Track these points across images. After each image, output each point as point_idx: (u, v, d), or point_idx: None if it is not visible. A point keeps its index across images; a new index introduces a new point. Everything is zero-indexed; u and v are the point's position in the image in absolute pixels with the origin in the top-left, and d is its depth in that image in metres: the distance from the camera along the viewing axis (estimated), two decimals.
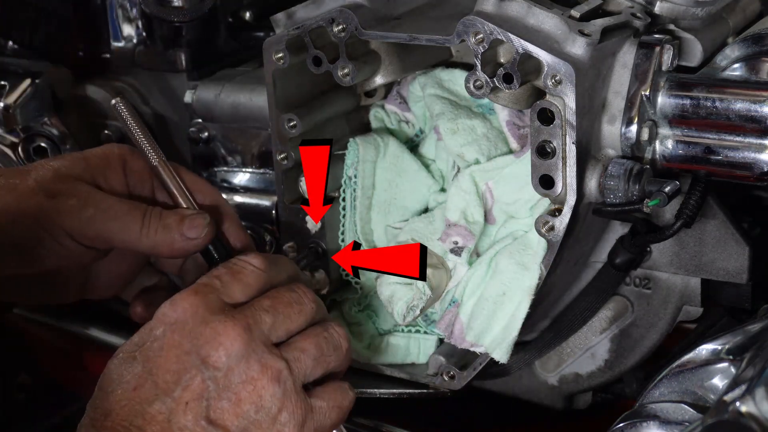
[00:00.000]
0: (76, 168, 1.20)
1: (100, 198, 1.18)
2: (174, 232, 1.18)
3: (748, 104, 1.21)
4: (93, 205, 1.17)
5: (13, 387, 1.91)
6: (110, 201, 1.18)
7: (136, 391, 1.05)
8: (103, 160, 1.21)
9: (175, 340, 1.07)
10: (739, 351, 1.08)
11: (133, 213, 1.18)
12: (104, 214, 1.17)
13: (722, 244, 1.30)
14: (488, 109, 1.34)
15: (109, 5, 1.67)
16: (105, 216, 1.17)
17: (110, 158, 1.22)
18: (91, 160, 1.21)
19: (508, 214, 1.30)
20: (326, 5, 1.29)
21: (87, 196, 1.17)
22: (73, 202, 1.17)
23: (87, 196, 1.18)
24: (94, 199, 1.18)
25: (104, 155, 1.22)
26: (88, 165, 1.20)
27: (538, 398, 1.47)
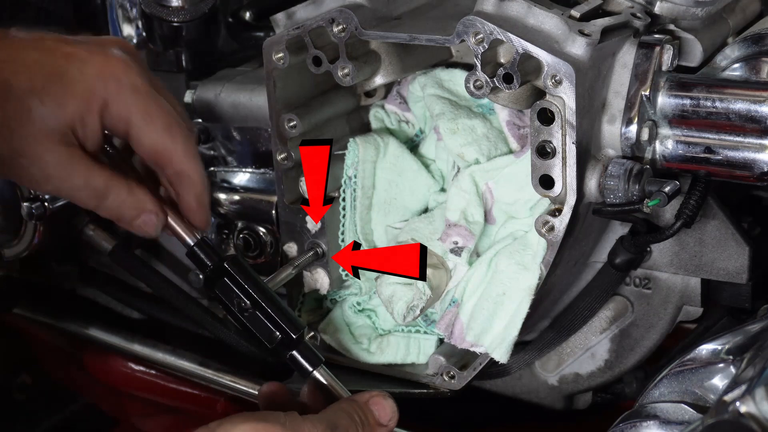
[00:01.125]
0: (52, 119, 1.15)
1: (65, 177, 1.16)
2: (125, 224, 1.20)
3: (748, 104, 1.21)
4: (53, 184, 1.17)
5: (13, 387, 1.91)
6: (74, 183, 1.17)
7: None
8: (81, 105, 1.16)
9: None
10: (739, 351, 1.08)
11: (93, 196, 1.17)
12: (63, 192, 1.18)
13: (722, 244, 1.30)
14: (488, 109, 1.34)
15: (109, 5, 1.67)
16: (64, 193, 1.18)
17: (90, 103, 1.17)
18: (69, 105, 1.16)
19: (508, 214, 1.30)
20: (326, 5, 1.29)
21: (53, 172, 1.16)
22: (36, 173, 1.16)
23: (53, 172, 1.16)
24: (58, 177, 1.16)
25: (85, 99, 1.16)
26: (65, 114, 1.15)
27: (538, 398, 1.47)
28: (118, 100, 1.17)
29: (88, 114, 1.16)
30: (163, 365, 1.62)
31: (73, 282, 1.73)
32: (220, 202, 1.64)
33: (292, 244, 1.40)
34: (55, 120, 1.15)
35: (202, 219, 1.22)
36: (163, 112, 1.19)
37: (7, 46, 1.18)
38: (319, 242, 1.39)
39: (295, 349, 1.20)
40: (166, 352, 1.61)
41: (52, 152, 1.15)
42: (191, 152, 1.21)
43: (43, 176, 1.16)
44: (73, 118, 1.16)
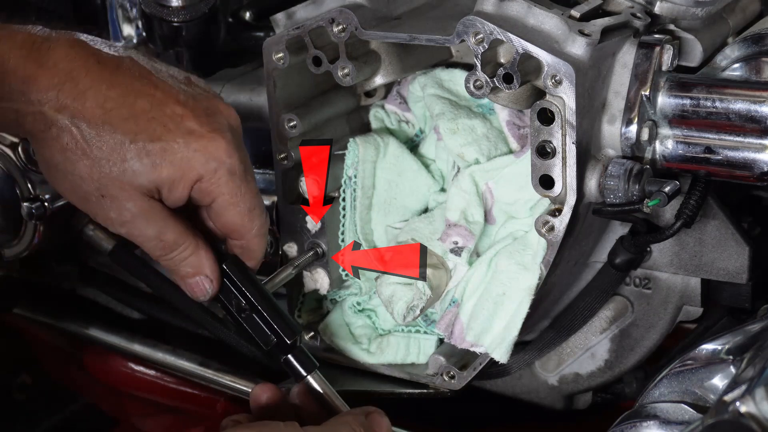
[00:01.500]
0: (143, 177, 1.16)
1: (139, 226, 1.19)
2: (178, 277, 1.23)
3: (748, 104, 1.21)
4: (126, 229, 1.19)
5: (13, 387, 1.91)
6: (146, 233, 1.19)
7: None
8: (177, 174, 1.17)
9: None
10: (739, 351, 1.08)
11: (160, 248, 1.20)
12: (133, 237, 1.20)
13: (722, 244, 1.30)
14: (488, 109, 1.34)
15: (109, 5, 1.67)
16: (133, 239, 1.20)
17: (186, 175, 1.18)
18: (164, 171, 1.17)
19: (508, 214, 1.30)
20: (326, 5, 1.29)
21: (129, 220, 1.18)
22: (114, 216, 1.18)
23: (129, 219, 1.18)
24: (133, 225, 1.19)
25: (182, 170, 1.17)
26: (158, 177, 1.17)
27: (538, 398, 1.47)
28: (213, 179, 1.19)
29: (179, 183, 1.18)
30: (163, 365, 1.62)
31: (73, 282, 1.73)
32: None
33: (292, 244, 1.40)
34: (146, 178, 1.17)
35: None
36: (250, 195, 1.22)
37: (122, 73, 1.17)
38: (319, 242, 1.39)
39: (290, 353, 1.20)
40: (166, 352, 1.61)
41: (134, 201, 1.18)
42: (263, 233, 1.24)
43: (120, 220, 1.19)
44: (164, 182, 1.18)
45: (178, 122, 1.17)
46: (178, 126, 1.17)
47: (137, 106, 1.16)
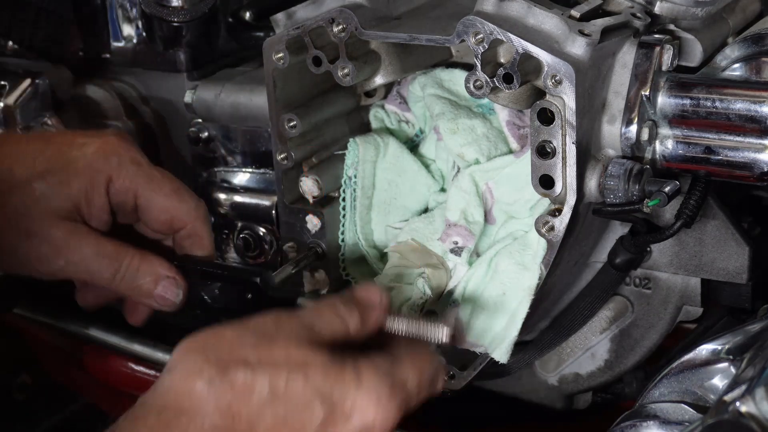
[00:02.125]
0: (57, 198, 1.19)
1: (75, 248, 1.19)
2: (144, 296, 1.21)
3: (748, 104, 1.21)
4: (65, 257, 1.19)
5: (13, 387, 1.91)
6: (84, 253, 1.19)
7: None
8: (86, 181, 1.20)
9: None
10: (739, 351, 1.08)
11: (105, 269, 1.20)
12: (75, 266, 1.19)
13: (722, 244, 1.30)
14: (488, 109, 1.35)
15: (109, 5, 1.67)
16: (76, 268, 1.19)
17: (94, 179, 1.20)
18: (73, 183, 1.20)
19: (508, 214, 1.30)
20: (326, 5, 1.29)
21: (62, 245, 1.19)
22: (46, 251, 1.18)
23: (62, 245, 1.19)
24: (68, 249, 1.19)
25: (89, 175, 1.20)
26: (69, 192, 1.19)
27: (538, 398, 1.47)
28: (122, 173, 1.20)
29: (93, 191, 1.20)
30: (162, 365, 1.62)
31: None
32: (220, 202, 1.65)
33: (292, 244, 1.40)
34: (59, 199, 1.18)
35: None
36: (167, 178, 1.23)
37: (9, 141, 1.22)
38: (319, 242, 1.39)
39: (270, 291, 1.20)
40: (166, 352, 1.61)
41: (58, 227, 1.18)
42: (202, 214, 1.25)
43: (54, 252, 1.19)
44: (78, 197, 1.19)
45: (70, 142, 1.21)
46: (71, 144, 1.21)
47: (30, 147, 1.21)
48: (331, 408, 1.00)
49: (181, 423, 0.96)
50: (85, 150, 1.21)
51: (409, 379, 1.06)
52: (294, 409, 0.99)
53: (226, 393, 0.97)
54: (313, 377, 1.00)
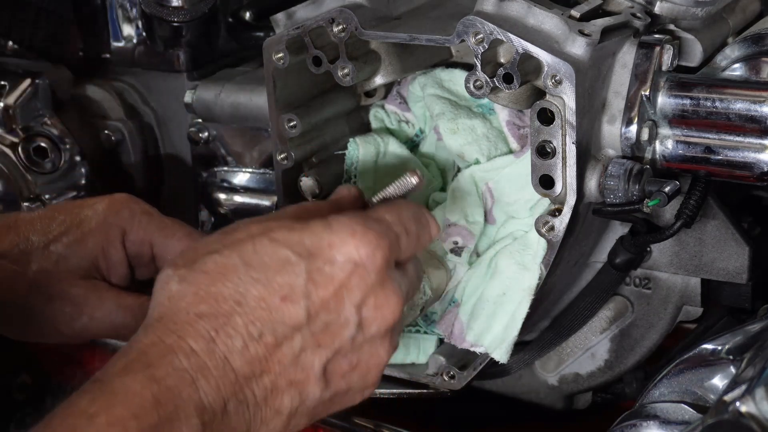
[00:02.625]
0: (74, 257, 1.20)
1: (96, 304, 1.20)
2: None
3: (748, 104, 1.21)
4: (88, 314, 1.20)
5: (13, 387, 1.91)
6: (106, 307, 1.20)
7: (283, 302, 0.98)
8: (101, 238, 1.21)
9: (350, 284, 1.01)
10: (739, 351, 1.08)
11: (129, 320, 1.20)
12: (99, 322, 1.20)
13: (722, 244, 1.30)
14: (488, 109, 1.34)
15: (109, 5, 1.67)
16: (100, 323, 1.20)
17: (109, 234, 1.22)
18: (89, 241, 1.21)
19: (508, 214, 1.30)
20: (326, 5, 1.29)
21: (83, 303, 1.20)
22: (69, 310, 1.19)
23: (83, 302, 1.20)
24: (90, 306, 1.20)
25: (104, 231, 1.22)
26: (86, 250, 1.21)
27: (538, 398, 1.47)
28: (135, 224, 1.22)
29: (109, 245, 1.21)
30: None
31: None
32: (220, 202, 1.65)
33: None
34: (77, 258, 1.20)
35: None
36: (179, 224, 1.24)
37: (22, 217, 1.23)
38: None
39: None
40: None
41: (78, 286, 1.20)
42: None
43: (76, 310, 1.20)
44: (95, 253, 1.21)
45: (80, 205, 1.23)
46: (81, 206, 1.23)
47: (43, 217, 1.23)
48: (310, 257, 0.99)
49: (168, 327, 0.95)
50: (96, 208, 1.22)
51: (385, 216, 1.06)
52: (272, 269, 0.98)
53: (201, 280, 0.97)
54: (277, 235, 1.00)
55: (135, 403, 0.89)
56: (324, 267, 1.00)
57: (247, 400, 0.97)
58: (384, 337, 1.05)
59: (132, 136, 1.70)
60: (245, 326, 0.96)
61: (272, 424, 0.99)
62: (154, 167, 1.73)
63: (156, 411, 0.90)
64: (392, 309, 1.03)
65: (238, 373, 0.95)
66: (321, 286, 1.00)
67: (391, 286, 1.03)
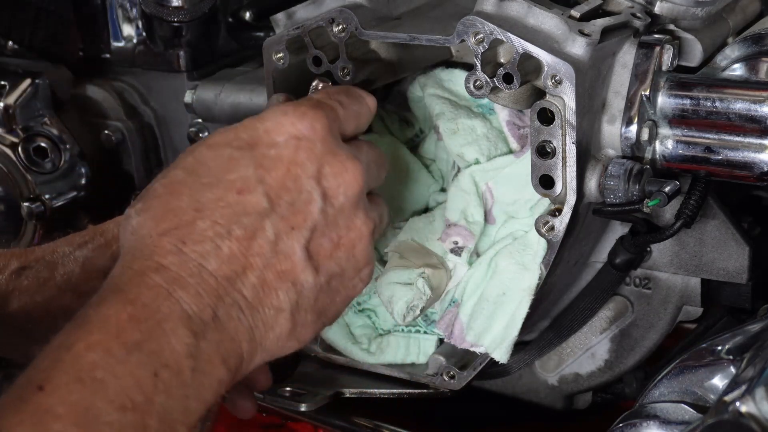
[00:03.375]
0: (101, 258, 1.21)
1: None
2: None
3: (748, 104, 1.21)
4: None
5: None
6: None
7: (241, 195, 0.97)
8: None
9: (300, 158, 1.00)
10: (739, 351, 1.08)
11: None
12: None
13: (722, 244, 1.30)
14: (488, 109, 1.34)
15: (109, 5, 1.67)
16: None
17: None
18: (114, 245, 1.22)
19: (508, 214, 1.30)
20: (326, 5, 1.29)
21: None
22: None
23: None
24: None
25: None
26: (112, 252, 1.22)
27: (538, 398, 1.47)
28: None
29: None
30: None
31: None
32: None
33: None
34: (103, 259, 1.21)
35: None
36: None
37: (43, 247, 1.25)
38: None
39: None
40: None
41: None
42: None
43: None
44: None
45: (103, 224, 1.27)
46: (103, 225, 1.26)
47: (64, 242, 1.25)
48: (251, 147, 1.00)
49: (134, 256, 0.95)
50: (116, 220, 1.25)
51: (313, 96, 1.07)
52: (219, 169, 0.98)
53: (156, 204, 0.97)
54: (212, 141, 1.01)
55: (112, 325, 0.88)
56: (268, 151, 0.99)
57: (238, 302, 0.94)
58: (356, 207, 1.04)
59: (132, 136, 1.70)
60: (211, 228, 0.95)
61: (277, 325, 0.98)
62: (154, 167, 1.73)
63: (136, 328, 0.88)
64: (352, 174, 1.03)
65: (218, 276, 0.93)
66: (272, 169, 0.99)
67: (342, 152, 1.03)
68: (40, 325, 1.20)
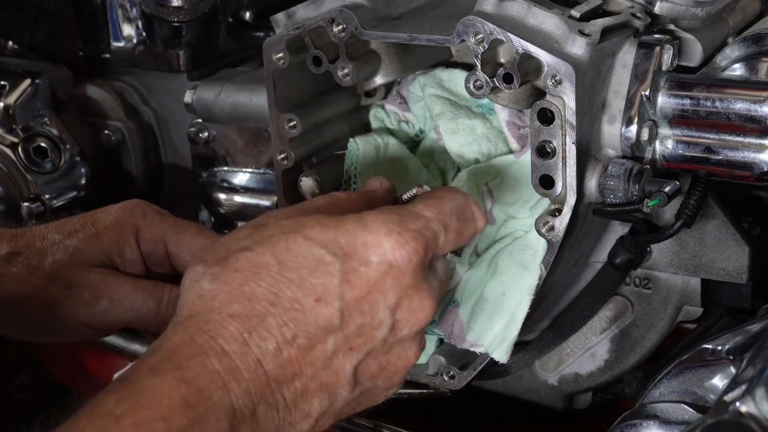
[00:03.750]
0: (90, 250, 1.22)
1: (114, 287, 1.21)
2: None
3: (748, 104, 1.21)
4: (107, 297, 1.21)
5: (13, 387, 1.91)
6: (124, 290, 1.21)
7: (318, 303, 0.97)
8: (116, 235, 1.23)
9: (385, 286, 0.99)
10: (739, 351, 1.09)
11: (148, 301, 1.21)
12: (119, 305, 1.21)
13: (722, 244, 1.30)
14: (488, 109, 1.34)
15: (109, 5, 1.67)
16: (120, 307, 1.21)
17: (123, 231, 1.23)
18: (104, 237, 1.23)
19: (508, 214, 1.30)
20: (326, 5, 1.29)
21: (102, 287, 1.21)
22: (88, 295, 1.20)
23: (102, 286, 1.21)
24: (109, 290, 1.21)
25: (117, 228, 1.23)
26: (101, 245, 1.23)
27: (538, 398, 1.47)
28: (148, 223, 1.23)
29: (123, 243, 1.23)
30: None
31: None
32: (220, 202, 1.65)
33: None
34: (92, 251, 1.22)
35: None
36: (190, 222, 1.26)
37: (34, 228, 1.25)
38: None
39: None
40: None
41: (96, 272, 1.21)
42: None
43: (94, 294, 1.21)
44: (110, 249, 1.23)
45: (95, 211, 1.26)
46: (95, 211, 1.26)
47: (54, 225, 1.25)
48: (344, 256, 0.98)
49: (199, 327, 0.93)
50: (109, 210, 1.25)
51: (424, 212, 1.03)
52: (306, 269, 0.97)
53: (233, 279, 0.95)
54: (311, 233, 0.98)
55: (163, 405, 0.88)
56: (359, 268, 0.98)
57: (277, 403, 0.95)
58: (414, 339, 1.04)
59: (132, 136, 1.70)
60: (279, 328, 0.95)
61: (300, 426, 0.99)
62: (154, 167, 1.73)
63: (185, 413, 0.88)
64: (426, 312, 1.02)
65: (270, 376, 0.94)
66: (355, 287, 0.98)
67: (425, 288, 1.02)
68: (25, 314, 1.21)
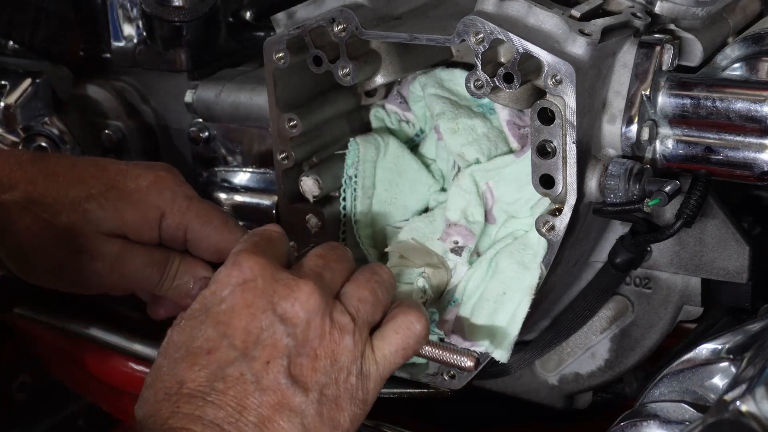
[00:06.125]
0: (108, 221, 1.21)
1: (128, 262, 1.22)
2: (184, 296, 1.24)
3: (748, 104, 1.21)
4: (119, 271, 1.22)
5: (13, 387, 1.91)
6: (137, 263, 1.22)
7: (211, 355, 1.05)
8: (139, 215, 1.22)
9: (247, 299, 1.07)
10: (739, 350, 1.09)
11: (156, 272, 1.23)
12: (126, 279, 1.22)
13: (722, 244, 1.30)
14: (488, 108, 1.35)
15: (109, 5, 1.67)
16: (127, 280, 1.22)
17: (147, 214, 1.22)
18: (126, 213, 1.22)
19: (509, 214, 1.30)
20: (326, 5, 1.29)
21: (115, 261, 1.21)
22: (100, 267, 1.21)
23: (115, 260, 1.21)
24: (121, 264, 1.22)
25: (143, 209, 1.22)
26: (121, 220, 1.22)
27: (538, 398, 1.47)
28: (174, 209, 1.23)
29: (145, 224, 1.22)
30: None
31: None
32: (221, 201, 1.65)
33: (293, 244, 1.40)
34: (110, 223, 1.21)
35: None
36: (216, 210, 1.26)
37: (63, 164, 1.24)
38: (320, 242, 1.39)
39: None
40: None
41: (112, 244, 1.21)
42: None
43: (107, 267, 1.21)
44: (130, 226, 1.22)
45: (124, 173, 1.24)
46: (125, 174, 1.23)
47: (85, 172, 1.23)
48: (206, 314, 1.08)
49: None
50: (139, 182, 1.23)
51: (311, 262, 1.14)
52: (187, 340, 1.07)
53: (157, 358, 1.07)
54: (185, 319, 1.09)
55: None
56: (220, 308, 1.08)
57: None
58: (322, 315, 1.08)
59: (132, 136, 1.70)
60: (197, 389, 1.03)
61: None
62: None
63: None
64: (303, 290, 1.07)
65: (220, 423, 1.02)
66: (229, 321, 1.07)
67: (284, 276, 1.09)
68: (37, 266, 1.21)
